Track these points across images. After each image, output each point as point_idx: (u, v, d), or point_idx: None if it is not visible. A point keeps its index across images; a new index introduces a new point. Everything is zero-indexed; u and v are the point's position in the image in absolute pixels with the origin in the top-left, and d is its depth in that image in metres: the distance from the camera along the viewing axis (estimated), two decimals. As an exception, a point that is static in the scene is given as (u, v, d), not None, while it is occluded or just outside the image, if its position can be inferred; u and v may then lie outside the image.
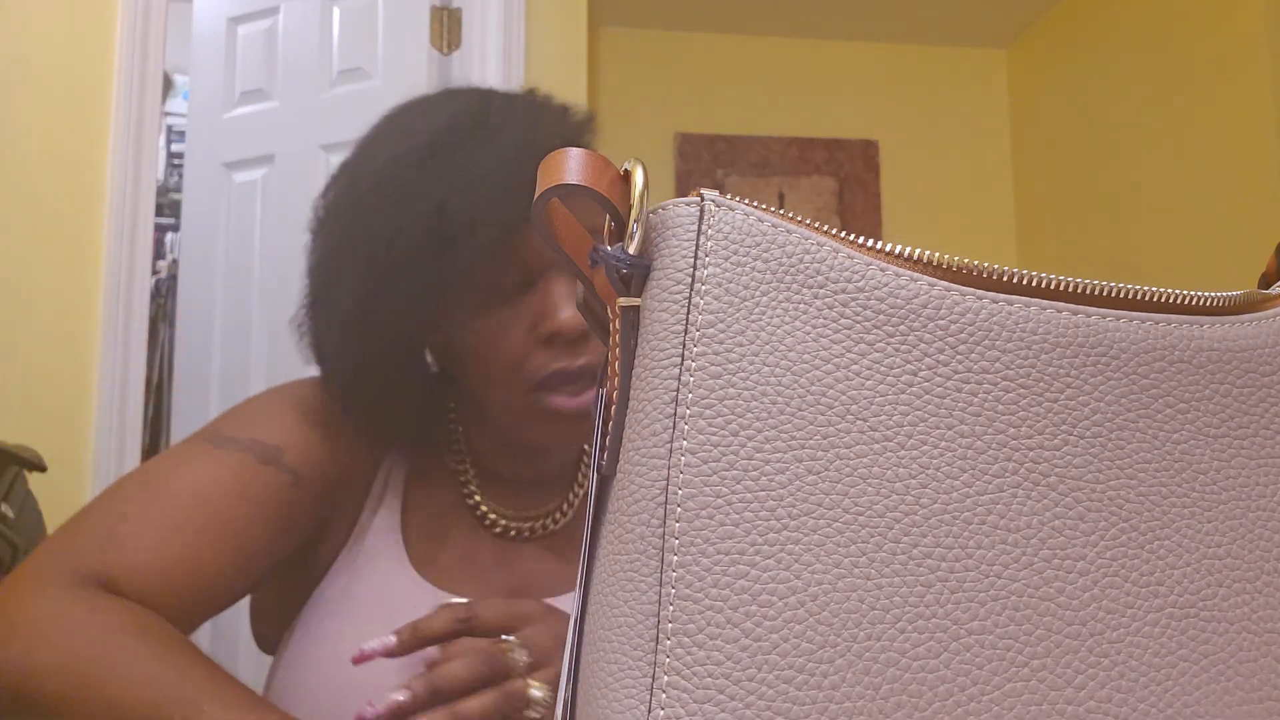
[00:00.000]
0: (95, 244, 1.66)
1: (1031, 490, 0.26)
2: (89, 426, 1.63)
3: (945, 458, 0.25)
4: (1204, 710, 0.26)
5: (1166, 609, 0.26)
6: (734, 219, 0.26)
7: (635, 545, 0.24)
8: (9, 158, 1.59)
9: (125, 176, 1.69)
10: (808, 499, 0.24)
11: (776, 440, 0.25)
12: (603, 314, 0.28)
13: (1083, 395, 0.27)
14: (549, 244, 0.27)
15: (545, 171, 0.26)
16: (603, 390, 0.27)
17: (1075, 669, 0.25)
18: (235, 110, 1.89)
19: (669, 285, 0.25)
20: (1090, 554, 0.26)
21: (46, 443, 1.39)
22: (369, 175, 0.62)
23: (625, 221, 0.26)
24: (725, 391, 0.25)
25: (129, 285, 1.68)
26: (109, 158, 1.69)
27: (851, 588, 0.24)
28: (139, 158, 1.71)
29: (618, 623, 0.24)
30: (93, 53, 1.68)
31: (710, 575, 0.24)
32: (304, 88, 1.81)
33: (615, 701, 0.23)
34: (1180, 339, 0.28)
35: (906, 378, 0.26)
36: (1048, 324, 0.27)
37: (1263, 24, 1.75)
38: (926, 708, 0.24)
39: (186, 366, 1.88)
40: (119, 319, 1.66)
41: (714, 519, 0.24)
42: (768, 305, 0.26)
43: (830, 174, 2.49)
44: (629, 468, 0.25)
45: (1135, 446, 0.27)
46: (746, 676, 0.23)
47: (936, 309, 0.26)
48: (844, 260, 0.26)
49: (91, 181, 1.66)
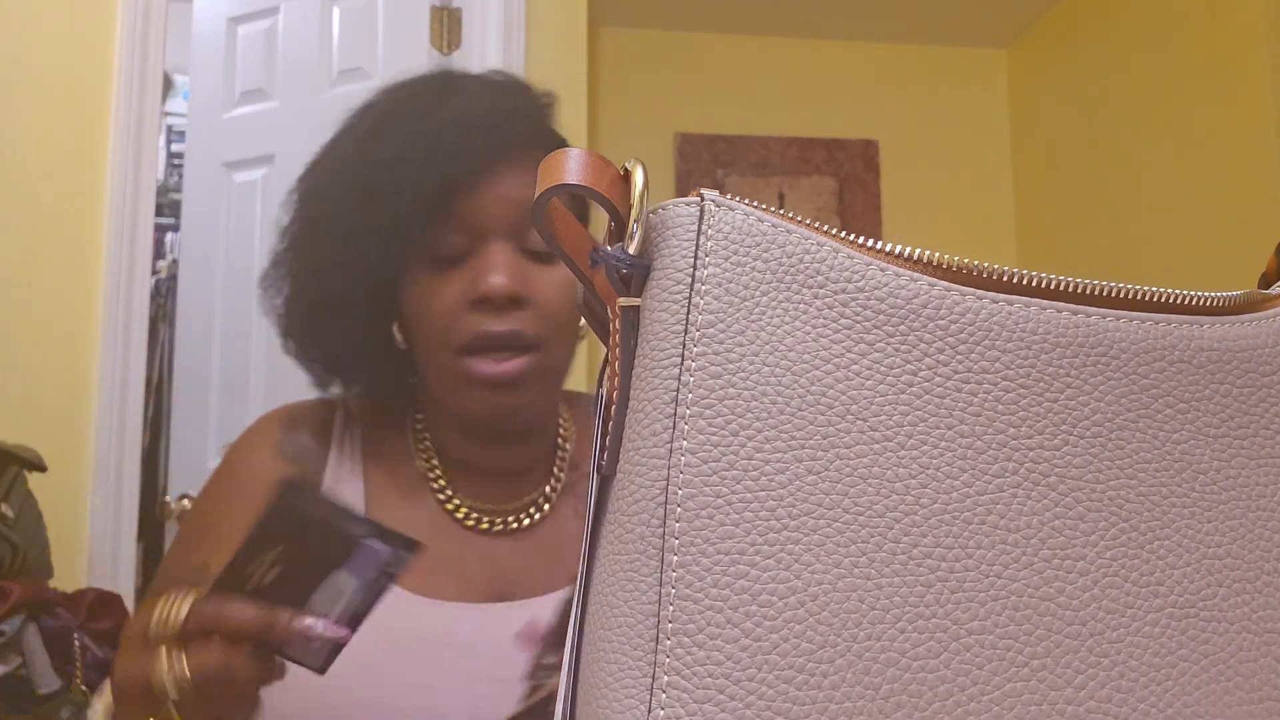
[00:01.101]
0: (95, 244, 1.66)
1: (1031, 490, 0.26)
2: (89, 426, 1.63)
3: (945, 458, 0.25)
4: (1204, 710, 0.26)
5: (1166, 609, 0.26)
6: (734, 219, 0.26)
7: (635, 545, 0.24)
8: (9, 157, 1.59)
9: (125, 176, 1.69)
10: (808, 499, 0.24)
11: (776, 440, 0.25)
12: (603, 314, 0.28)
13: (1083, 395, 0.27)
14: (549, 244, 0.27)
15: (545, 171, 0.26)
16: (603, 390, 0.27)
17: (1075, 669, 0.25)
18: (235, 110, 1.89)
19: (669, 285, 0.25)
20: (1090, 554, 0.26)
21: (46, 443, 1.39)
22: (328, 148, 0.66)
23: (625, 221, 0.26)
24: (725, 391, 0.25)
25: (129, 285, 1.68)
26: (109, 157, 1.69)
27: (851, 588, 0.24)
28: (139, 157, 1.71)
29: (618, 623, 0.24)
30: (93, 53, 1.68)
31: (710, 575, 0.24)
32: (304, 88, 1.81)
33: (615, 701, 0.23)
34: (1180, 339, 0.28)
35: (906, 378, 0.26)
36: (1048, 324, 0.27)
37: (1263, 24, 1.75)
38: (926, 708, 0.24)
39: (186, 366, 1.88)
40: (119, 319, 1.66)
41: (714, 519, 0.24)
42: (768, 305, 0.26)
43: (830, 174, 2.49)
44: (629, 468, 0.25)
45: (1135, 446, 0.27)
46: (746, 676, 0.23)
47: (936, 309, 0.26)
48: (844, 260, 0.26)
49: (91, 181, 1.66)
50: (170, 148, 2.76)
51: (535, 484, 0.69)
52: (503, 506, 0.67)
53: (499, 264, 0.60)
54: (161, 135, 2.23)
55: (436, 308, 0.61)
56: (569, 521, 0.68)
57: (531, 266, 0.62)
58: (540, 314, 0.62)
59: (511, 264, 0.61)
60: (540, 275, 0.62)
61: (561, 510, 0.68)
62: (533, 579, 0.65)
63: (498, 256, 0.61)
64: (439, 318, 0.61)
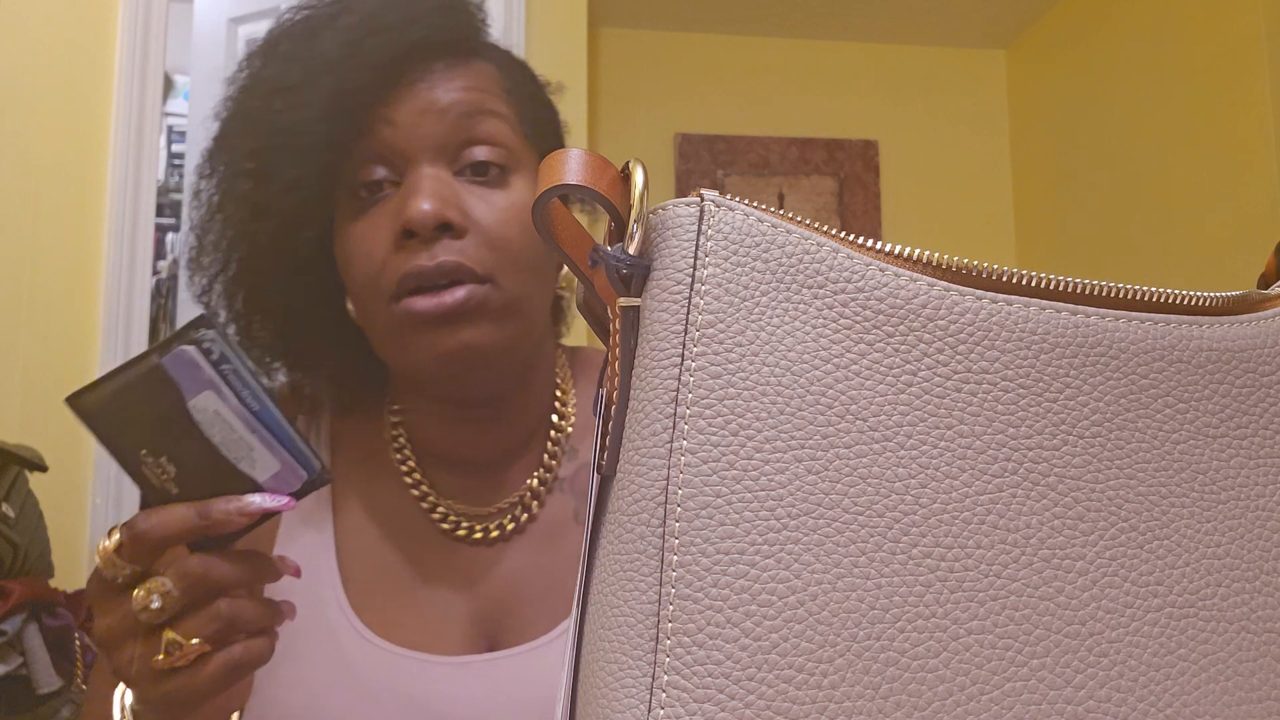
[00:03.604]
0: (96, 244, 1.66)
1: (1031, 490, 0.26)
2: (90, 426, 1.63)
3: (945, 457, 0.25)
4: (1203, 709, 0.26)
5: (1166, 608, 0.26)
6: (734, 219, 0.26)
7: (635, 545, 0.24)
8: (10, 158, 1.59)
9: (126, 176, 1.69)
10: (807, 499, 0.24)
11: (776, 440, 0.25)
12: (603, 314, 0.28)
13: (1082, 395, 0.27)
14: (549, 244, 0.27)
15: (545, 172, 0.26)
16: (603, 390, 0.27)
17: (1075, 668, 0.25)
18: (236, 110, 1.89)
19: (669, 285, 0.25)
20: (1089, 554, 0.26)
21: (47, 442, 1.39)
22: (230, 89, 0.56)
23: (625, 222, 0.26)
24: (725, 391, 0.25)
25: (130, 285, 1.68)
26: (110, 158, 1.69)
27: (851, 587, 0.24)
28: (140, 158, 1.71)
29: (618, 622, 0.24)
30: (94, 53, 1.68)
31: (710, 575, 0.24)
32: (304, 88, 1.81)
33: (615, 701, 0.24)
34: (1179, 339, 0.28)
35: (906, 378, 0.26)
36: (1047, 324, 0.27)
37: (1262, 24, 1.75)
38: (926, 707, 0.24)
39: (187, 366, 1.87)
40: (119, 319, 1.66)
41: (714, 519, 0.24)
42: (767, 305, 0.26)
43: (830, 174, 2.49)
44: (629, 468, 0.25)
45: (1134, 446, 0.27)
46: (746, 676, 0.23)
47: (936, 309, 0.26)
48: (844, 260, 0.26)
49: (92, 181, 1.66)
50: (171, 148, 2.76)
51: (521, 477, 0.58)
52: (481, 509, 0.57)
53: (424, 188, 0.50)
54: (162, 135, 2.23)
55: (362, 250, 0.52)
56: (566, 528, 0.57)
57: (470, 188, 0.52)
58: (484, 242, 0.51)
59: (440, 187, 0.51)
60: (482, 198, 0.52)
61: (552, 513, 0.57)
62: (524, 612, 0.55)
63: (424, 181, 0.51)
64: (365, 261, 0.51)
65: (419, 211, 0.49)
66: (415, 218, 0.49)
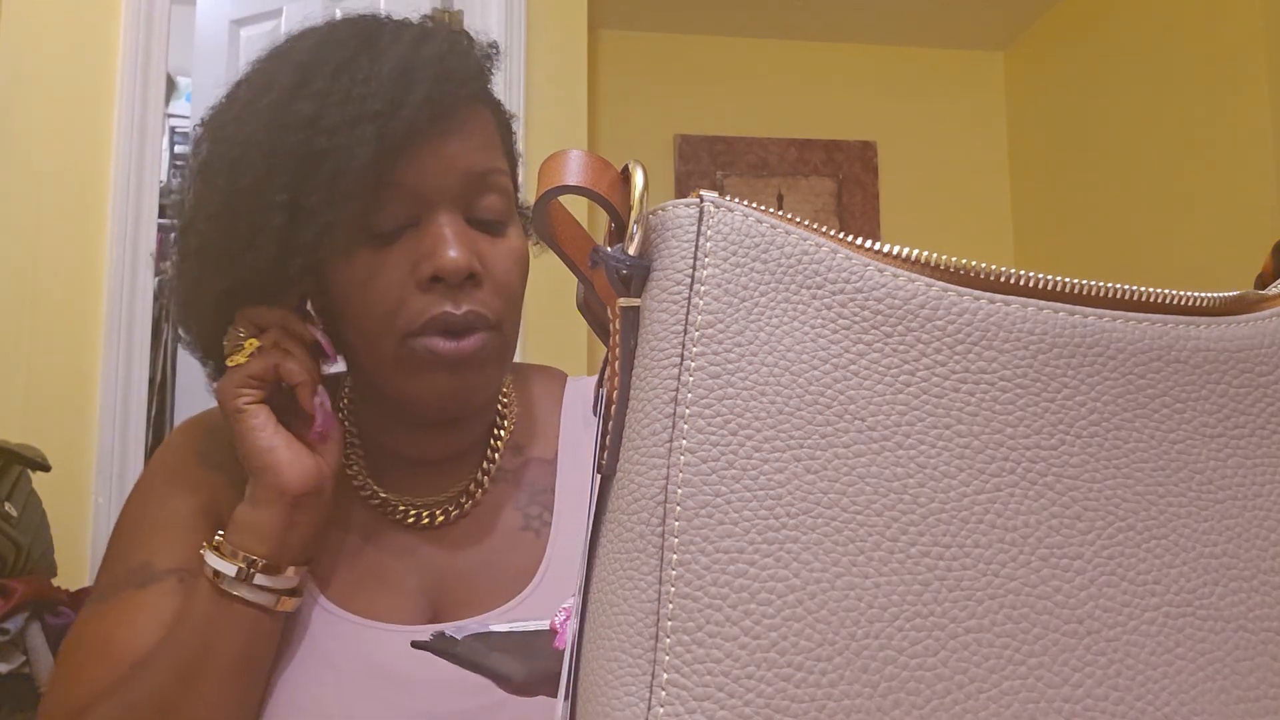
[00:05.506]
0: (99, 244, 1.66)
1: (1029, 489, 0.26)
2: (92, 426, 1.63)
3: (943, 457, 0.26)
4: (1200, 708, 0.26)
5: (1163, 607, 0.26)
6: (733, 220, 0.26)
7: (635, 544, 0.25)
8: (13, 159, 1.59)
9: (129, 178, 1.69)
10: (806, 498, 0.25)
11: (775, 440, 0.25)
12: (603, 314, 0.28)
13: (1079, 395, 0.27)
14: (549, 245, 0.28)
15: (545, 173, 0.26)
16: (603, 390, 0.27)
17: (1072, 667, 0.25)
18: (237, 112, 1.89)
19: (669, 286, 0.26)
20: (1087, 553, 0.26)
21: (50, 442, 1.39)
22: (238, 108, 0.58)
23: (625, 222, 0.26)
24: (724, 391, 0.25)
25: (132, 285, 1.68)
26: (112, 159, 1.69)
27: (850, 586, 0.24)
28: (142, 159, 1.71)
29: (617, 621, 0.24)
30: (96, 55, 1.68)
31: (709, 573, 0.24)
32: (305, 89, 1.81)
33: (615, 699, 0.24)
34: (1177, 339, 0.28)
35: (904, 377, 0.26)
36: (1045, 324, 0.27)
37: (1261, 24, 1.75)
38: (924, 705, 0.24)
39: (190, 366, 1.88)
40: (122, 319, 1.66)
41: (713, 518, 0.24)
42: (766, 306, 0.26)
43: (829, 175, 2.49)
44: (629, 467, 0.25)
45: (1132, 446, 0.27)
46: (745, 674, 0.23)
47: (934, 309, 0.26)
48: (842, 261, 0.26)
49: (95, 183, 1.67)
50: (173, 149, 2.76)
51: (467, 472, 0.62)
52: (426, 499, 0.61)
53: (448, 237, 0.54)
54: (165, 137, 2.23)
55: (378, 288, 0.54)
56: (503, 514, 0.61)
57: (481, 238, 0.56)
58: (495, 289, 0.56)
59: (463, 236, 0.55)
60: (492, 248, 0.57)
61: (494, 500, 0.62)
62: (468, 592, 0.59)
63: (448, 229, 0.54)
64: (382, 299, 0.54)
65: (450, 260, 0.54)
66: (448, 266, 0.53)
